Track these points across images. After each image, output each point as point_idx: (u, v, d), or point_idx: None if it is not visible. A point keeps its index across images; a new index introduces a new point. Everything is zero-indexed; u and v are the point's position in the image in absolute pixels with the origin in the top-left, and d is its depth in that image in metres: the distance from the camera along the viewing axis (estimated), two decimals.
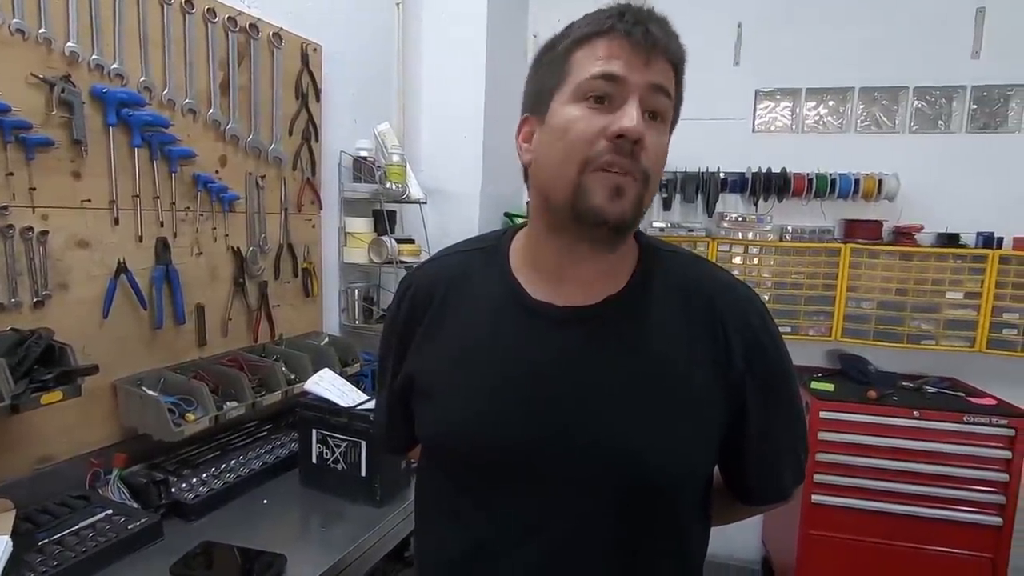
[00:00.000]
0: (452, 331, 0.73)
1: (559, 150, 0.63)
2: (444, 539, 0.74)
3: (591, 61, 0.62)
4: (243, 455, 1.47)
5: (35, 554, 1.02)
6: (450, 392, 0.71)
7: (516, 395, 0.67)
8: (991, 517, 2.12)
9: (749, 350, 0.68)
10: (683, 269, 0.72)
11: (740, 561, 2.78)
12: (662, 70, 0.62)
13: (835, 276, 2.42)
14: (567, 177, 0.62)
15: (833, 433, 2.22)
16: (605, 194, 0.61)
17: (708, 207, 2.60)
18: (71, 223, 1.24)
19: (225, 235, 1.59)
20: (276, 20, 1.69)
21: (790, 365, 0.73)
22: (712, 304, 0.69)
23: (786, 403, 0.72)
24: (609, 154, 0.61)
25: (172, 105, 1.42)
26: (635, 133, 0.59)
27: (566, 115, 0.63)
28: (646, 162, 0.62)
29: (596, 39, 0.62)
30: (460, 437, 0.70)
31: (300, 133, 1.83)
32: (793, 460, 0.75)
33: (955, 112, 2.45)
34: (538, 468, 0.66)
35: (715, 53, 2.62)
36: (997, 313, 2.30)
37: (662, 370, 0.66)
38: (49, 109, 1.18)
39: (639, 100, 0.61)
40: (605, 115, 0.61)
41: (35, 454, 1.20)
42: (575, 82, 0.63)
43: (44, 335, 1.11)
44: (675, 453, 0.65)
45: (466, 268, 0.75)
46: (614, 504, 0.66)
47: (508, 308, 0.70)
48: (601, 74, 0.61)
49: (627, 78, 0.61)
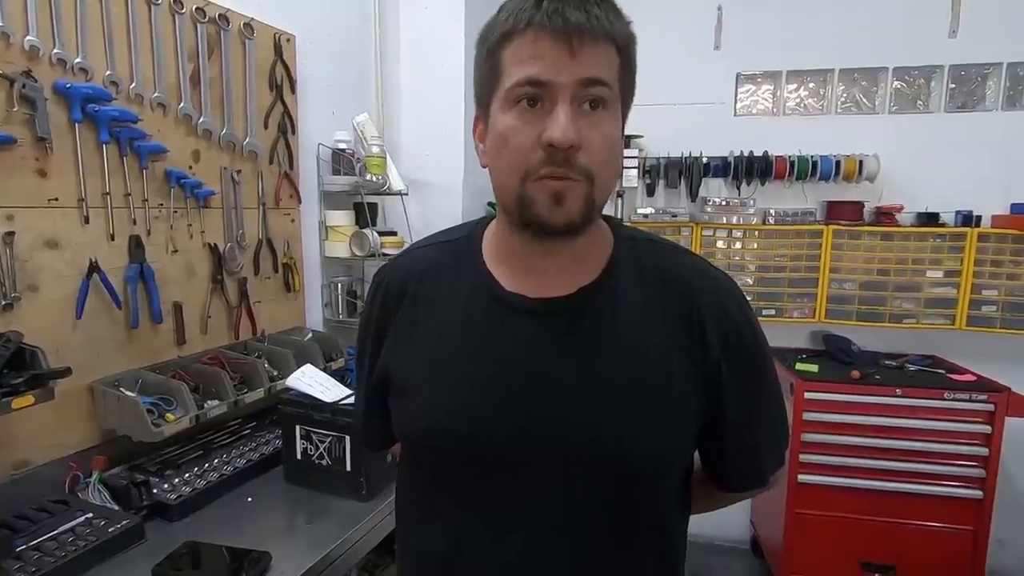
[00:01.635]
0: (426, 326, 0.72)
1: (502, 161, 0.62)
2: (426, 537, 0.73)
3: (516, 64, 0.59)
4: (226, 453, 1.46)
5: (13, 560, 1.00)
6: (424, 388, 0.70)
7: (490, 389, 0.67)
8: (972, 491, 2.16)
9: (726, 337, 0.67)
10: (658, 257, 0.71)
11: (729, 541, 2.82)
12: (594, 57, 0.58)
13: (818, 258, 2.43)
14: (511, 187, 0.62)
15: (818, 413, 2.25)
16: (546, 202, 0.60)
17: (691, 192, 2.61)
18: (38, 223, 1.21)
19: (201, 231, 1.56)
20: (247, 10, 1.65)
21: (768, 351, 0.73)
22: (688, 291, 0.68)
23: (765, 389, 0.72)
24: (545, 165, 0.59)
25: (140, 100, 1.38)
26: (564, 143, 0.57)
27: (503, 124, 0.61)
28: (586, 161, 0.59)
29: (517, 36, 0.59)
30: (435, 433, 0.69)
31: (276, 126, 1.79)
32: (773, 445, 0.75)
33: (933, 92, 2.46)
34: (515, 461, 0.66)
35: (696, 37, 2.61)
36: (976, 290, 2.33)
37: (637, 357, 0.66)
38: (10, 106, 1.14)
39: (570, 100, 0.58)
40: (538, 120, 0.59)
41: (10, 459, 1.18)
42: (505, 87, 0.60)
43: (13, 338, 1.08)
44: (652, 440, 0.65)
45: (438, 261, 0.74)
46: (594, 495, 0.66)
47: (481, 300, 0.69)
48: (524, 80, 0.58)
49: (551, 80, 0.58)
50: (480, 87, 0.66)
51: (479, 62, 0.66)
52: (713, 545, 2.81)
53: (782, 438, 0.76)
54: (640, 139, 2.58)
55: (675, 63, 2.62)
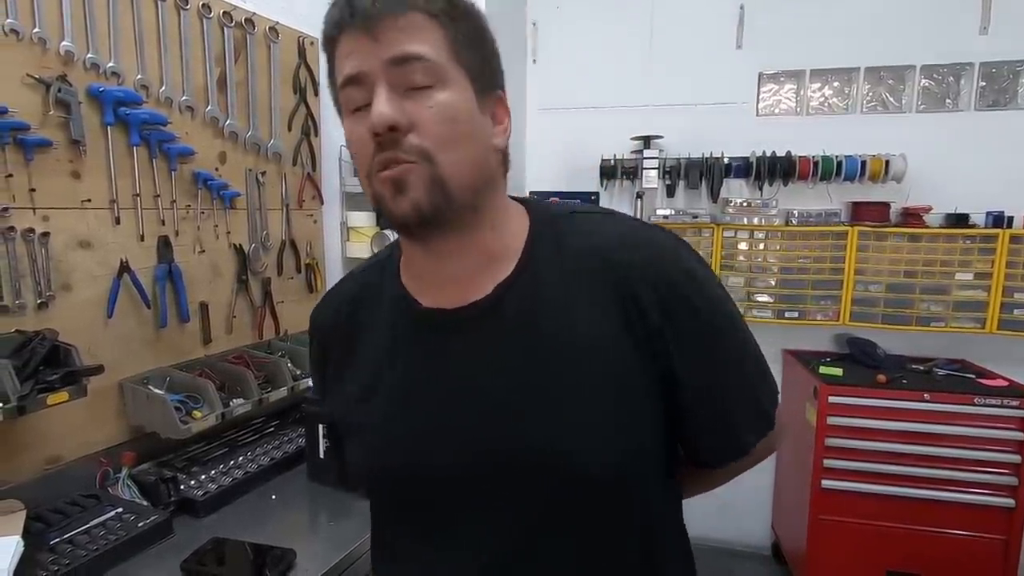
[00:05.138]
0: (358, 361, 0.68)
1: (357, 167, 0.60)
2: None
3: (338, 71, 0.58)
4: (251, 451, 1.48)
5: (47, 553, 1.03)
6: (363, 429, 0.67)
7: (422, 416, 0.62)
8: (1003, 499, 2.10)
9: (665, 303, 0.59)
10: (579, 232, 0.64)
11: (750, 547, 2.78)
12: (399, 33, 0.54)
13: (842, 260, 2.39)
14: (367, 191, 0.59)
15: (842, 418, 2.20)
16: (388, 195, 0.56)
17: (712, 193, 2.57)
18: (72, 224, 1.24)
19: (227, 232, 1.59)
20: (272, 14, 1.68)
21: (730, 307, 0.64)
22: (613, 264, 0.60)
23: (729, 349, 0.64)
24: (378, 154, 0.56)
25: (169, 103, 1.41)
26: (380, 124, 0.54)
27: (346, 132, 0.59)
28: (419, 141, 0.55)
29: (330, 43, 0.58)
30: (379, 473, 0.66)
31: (299, 128, 1.82)
32: (750, 410, 0.66)
33: (963, 90, 2.40)
34: (464, 489, 0.61)
35: (717, 36, 2.58)
36: (1008, 293, 2.26)
37: (568, 352, 0.59)
38: (46, 109, 1.18)
39: (385, 84, 0.55)
40: (367, 117, 0.55)
41: (44, 455, 1.21)
42: (339, 95, 0.59)
43: (48, 336, 1.12)
44: (608, 441, 0.59)
45: (363, 289, 0.71)
46: (552, 508, 0.60)
47: (402, 323, 0.65)
48: (345, 82, 0.56)
49: (361, 71, 0.55)
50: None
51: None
52: (734, 551, 2.78)
53: (763, 399, 0.66)
54: (660, 139, 2.56)
55: (696, 63, 2.59)
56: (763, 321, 2.42)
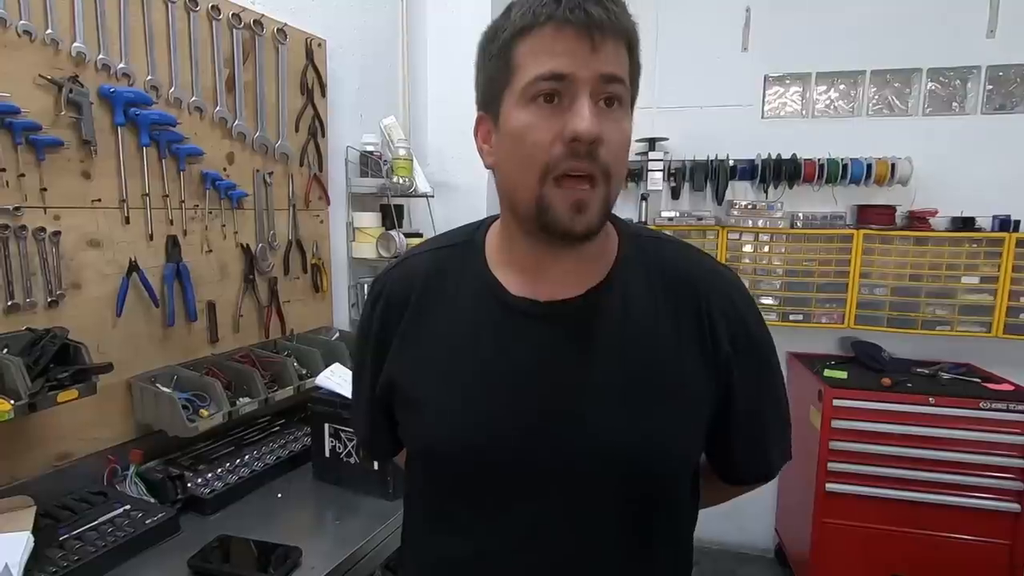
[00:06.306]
0: (432, 334, 0.70)
1: (517, 160, 0.61)
2: (441, 548, 0.72)
3: (534, 58, 0.58)
4: (257, 450, 1.49)
5: (56, 549, 1.04)
6: (436, 400, 0.68)
7: (503, 398, 0.65)
8: (1009, 503, 2.10)
9: (734, 331, 0.67)
10: (664, 255, 0.71)
11: (754, 550, 2.78)
12: (612, 53, 0.58)
13: (847, 263, 2.39)
14: (529, 188, 0.60)
15: (847, 421, 2.20)
16: (567, 211, 0.59)
17: (717, 195, 2.58)
18: (82, 223, 1.25)
19: (234, 232, 1.60)
20: (280, 16, 1.69)
21: (773, 345, 0.73)
22: (696, 288, 0.68)
23: (772, 382, 0.73)
24: (567, 160, 0.58)
25: (179, 103, 1.42)
26: (589, 135, 0.56)
27: (519, 121, 0.60)
28: (606, 157, 0.59)
29: (536, 30, 0.58)
30: (449, 446, 0.67)
31: (306, 129, 1.83)
32: (780, 437, 0.75)
33: (970, 93, 2.40)
34: (532, 471, 0.65)
35: (723, 39, 2.59)
36: (1014, 297, 2.26)
37: (649, 358, 0.65)
38: (58, 110, 1.19)
39: (590, 94, 0.57)
40: (558, 116, 0.58)
41: (53, 452, 1.22)
42: (522, 82, 0.59)
43: (59, 334, 1.12)
44: (668, 441, 0.65)
45: (440, 266, 0.72)
46: (612, 500, 0.65)
47: (488, 306, 0.68)
48: (547, 74, 0.57)
49: (574, 74, 0.57)
50: (488, 87, 0.65)
51: (485, 62, 0.65)
52: (738, 553, 2.77)
53: (787, 431, 0.76)
54: (665, 141, 2.57)
55: (702, 65, 2.60)
56: (767, 324, 2.42)
